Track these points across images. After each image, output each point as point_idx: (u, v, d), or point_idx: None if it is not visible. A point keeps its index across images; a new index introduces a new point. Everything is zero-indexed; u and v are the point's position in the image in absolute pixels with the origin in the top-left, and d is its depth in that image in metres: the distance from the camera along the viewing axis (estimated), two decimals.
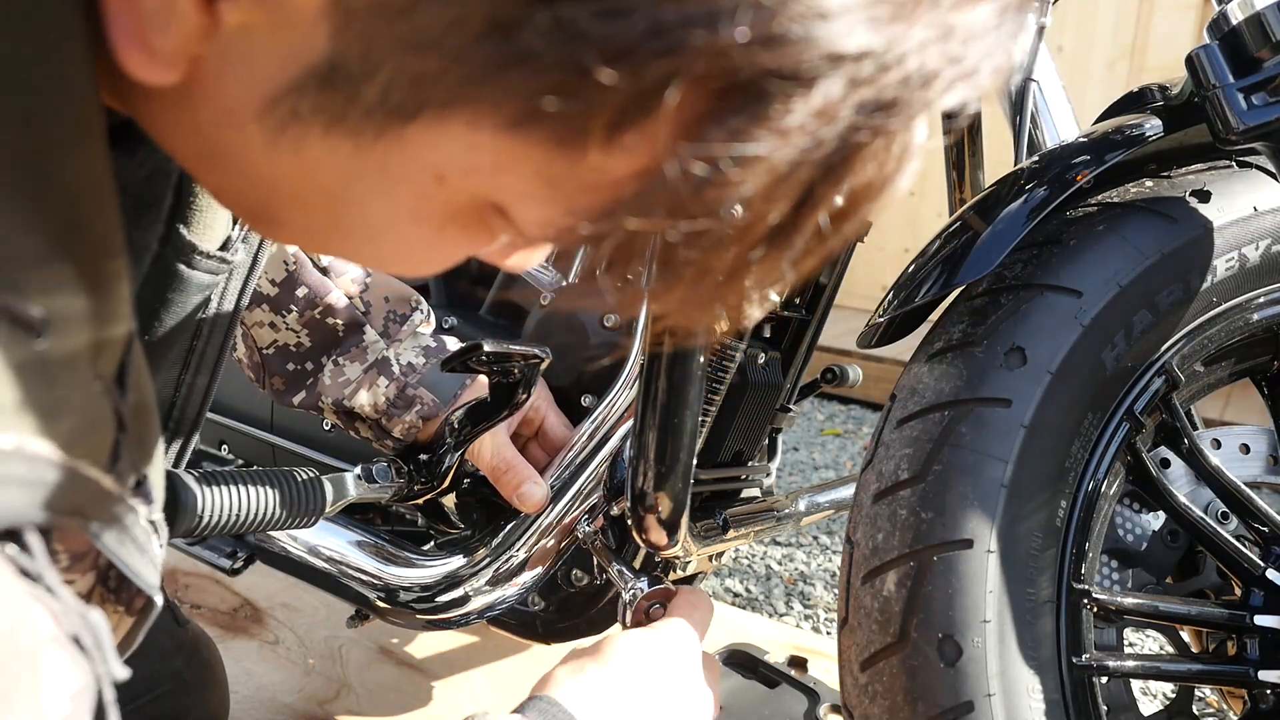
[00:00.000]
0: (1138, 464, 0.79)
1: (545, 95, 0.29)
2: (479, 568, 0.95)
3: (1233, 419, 2.45)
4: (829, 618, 1.70)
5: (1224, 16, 0.74)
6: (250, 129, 0.35)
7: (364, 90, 0.32)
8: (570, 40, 0.28)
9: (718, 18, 0.27)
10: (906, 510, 0.71)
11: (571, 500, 0.97)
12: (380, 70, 0.31)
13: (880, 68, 0.28)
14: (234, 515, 0.73)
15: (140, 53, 0.32)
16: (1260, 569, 0.76)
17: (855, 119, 0.29)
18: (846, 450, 2.58)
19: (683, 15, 0.27)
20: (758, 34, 0.27)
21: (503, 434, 0.94)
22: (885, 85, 0.28)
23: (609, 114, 0.30)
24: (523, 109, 0.31)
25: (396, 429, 0.92)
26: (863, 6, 0.27)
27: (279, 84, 0.33)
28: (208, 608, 1.47)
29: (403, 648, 1.40)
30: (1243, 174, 0.83)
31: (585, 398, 1.01)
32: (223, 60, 0.33)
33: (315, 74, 0.32)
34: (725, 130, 0.28)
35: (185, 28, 0.31)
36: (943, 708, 0.66)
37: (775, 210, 0.31)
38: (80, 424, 0.32)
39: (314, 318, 0.91)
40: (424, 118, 0.32)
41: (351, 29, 0.31)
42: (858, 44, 0.27)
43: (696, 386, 0.74)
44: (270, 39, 0.32)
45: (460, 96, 0.31)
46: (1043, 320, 0.74)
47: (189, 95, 0.34)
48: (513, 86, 0.30)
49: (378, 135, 0.33)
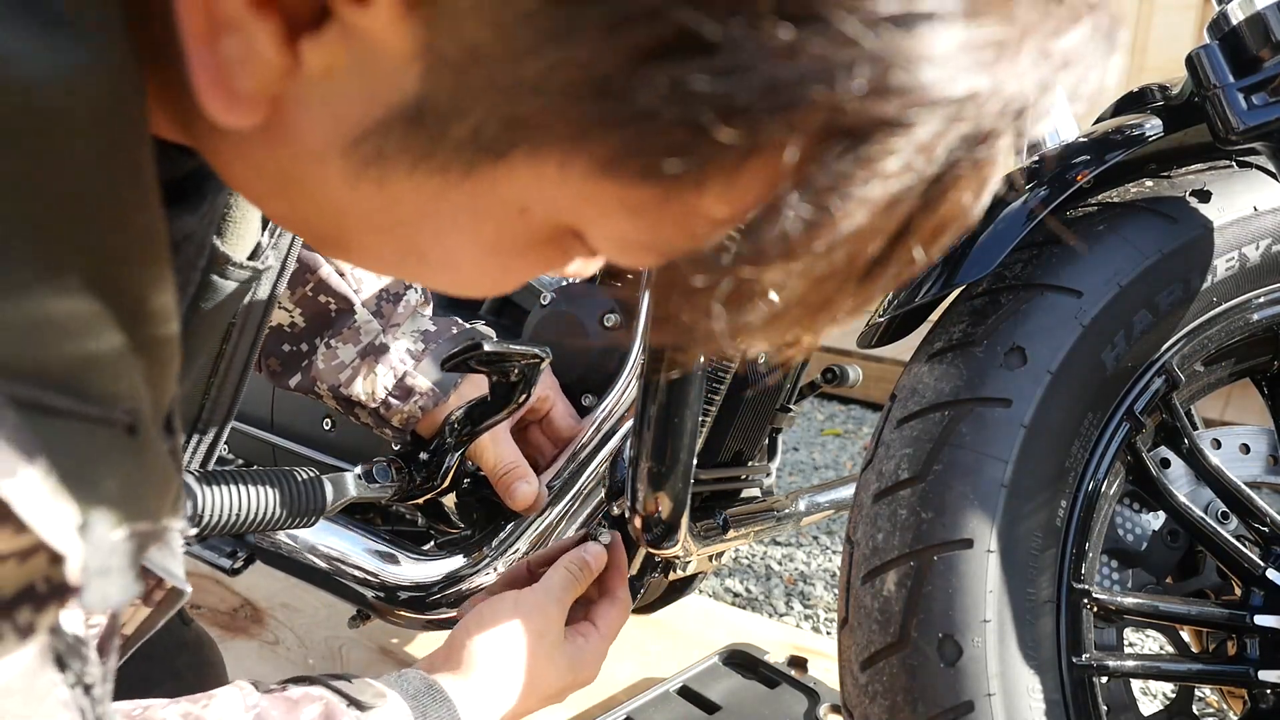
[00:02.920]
0: (1138, 464, 0.79)
1: (659, 155, 0.29)
2: (479, 567, 0.95)
3: (1233, 419, 2.45)
4: (829, 618, 1.70)
5: (1224, 16, 0.74)
6: (332, 166, 0.34)
7: (454, 129, 0.32)
8: (687, 100, 0.27)
9: (834, 73, 0.27)
10: (906, 510, 0.71)
11: (572, 500, 0.97)
12: (473, 111, 0.31)
13: (982, 104, 0.28)
14: (234, 515, 0.73)
15: (222, 98, 0.32)
16: (1260, 569, 0.76)
17: (955, 152, 0.29)
18: (846, 450, 2.58)
19: (799, 72, 0.27)
20: (872, 86, 0.27)
21: (505, 435, 0.94)
22: (984, 117, 0.29)
23: (720, 168, 0.30)
24: (616, 158, 0.30)
25: (395, 419, 0.92)
26: (969, 50, 0.27)
27: (364, 124, 0.33)
28: (208, 608, 1.47)
29: (403, 648, 1.40)
30: (1243, 174, 0.83)
31: (585, 397, 1.01)
32: (304, 100, 0.33)
33: (403, 114, 0.32)
34: (832, 175, 0.28)
35: (266, 70, 0.31)
36: (943, 708, 0.66)
37: (874, 244, 0.31)
38: (159, 485, 0.34)
39: (306, 295, 0.91)
40: (516, 156, 0.32)
41: (444, 72, 0.30)
42: (964, 88, 0.27)
43: (696, 386, 0.74)
44: (355, 80, 0.32)
45: (557, 140, 0.31)
46: (1043, 320, 0.74)
47: (266, 133, 0.34)
48: (621, 140, 0.30)
49: (465, 173, 0.33)
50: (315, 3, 0.30)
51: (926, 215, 0.31)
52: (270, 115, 0.33)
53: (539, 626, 0.72)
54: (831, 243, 0.30)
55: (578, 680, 0.74)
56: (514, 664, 0.70)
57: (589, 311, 1.00)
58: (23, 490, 0.28)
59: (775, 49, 0.26)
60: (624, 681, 1.30)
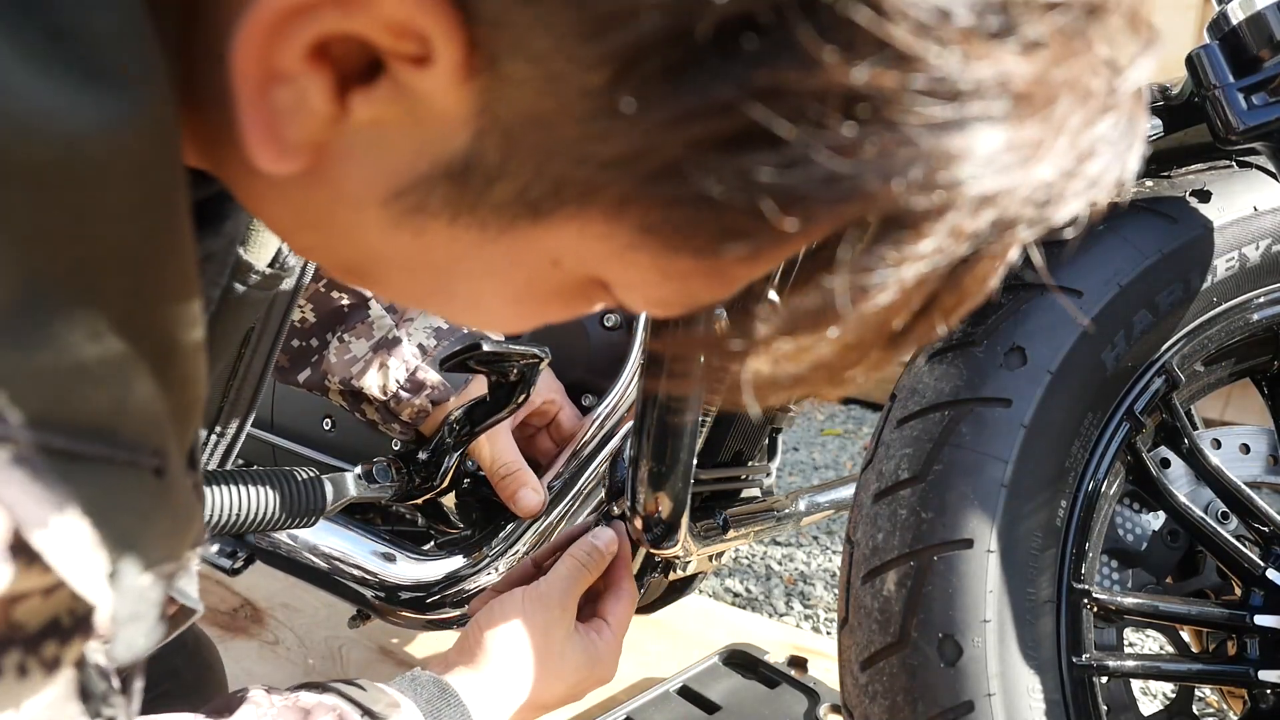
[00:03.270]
0: (1138, 464, 0.79)
1: (716, 239, 0.30)
2: (479, 567, 0.95)
3: (1233, 419, 2.45)
4: (829, 618, 1.70)
5: (1224, 16, 0.74)
6: (370, 213, 0.34)
7: (499, 188, 0.32)
8: (751, 190, 0.28)
9: (890, 169, 0.28)
10: (906, 510, 0.71)
11: (572, 500, 0.97)
12: (522, 173, 0.31)
13: (1014, 194, 0.29)
14: (234, 515, 0.73)
15: (272, 147, 0.32)
16: (1260, 569, 0.76)
17: (981, 237, 0.31)
18: (846, 450, 2.58)
19: (858, 166, 0.28)
20: (923, 181, 0.28)
21: (505, 436, 0.93)
22: (1011, 205, 0.30)
23: (773, 252, 0.31)
24: (675, 229, 0.31)
25: (404, 413, 0.92)
26: (1010, 150, 0.28)
27: (408, 177, 0.33)
28: (208, 608, 1.47)
29: (403, 648, 1.40)
30: (1243, 174, 0.83)
31: (585, 397, 1.01)
32: (348, 150, 0.33)
33: (449, 171, 0.32)
34: (872, 257, 0.30)
35: (315, 120, 0.31)
36: (943, 708, 0.66)
37: (900, 318, 0.33)
38: (184, 523, 0.35)
39: (318, 291, 0.91)
40: (558, 217, 0.32)
41: (497, 135, 0.30)
42: (998, 185, 0.29)
43: None
44: (403, 134, 0.32)
45: (606, 205, 0.31)
46: (1043, 320, 0.74)
47: (306, 178, 0.34)
48: (679, 219, 0.31)
49: (505, 228, 0.33)
50: (369, 56, 0.30)
51: (950, 292, 0.33)
52: (313, 163, 0.33)
53: (548, 619, 0.71)
54: (862, 316, 0.31)
55: (595, 676, 0.74)
56: (525, 658, 0.70)
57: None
58: (54, 540, 0.28)
59: (838, 146, 0.27)
60: (624, 681, 1.30)
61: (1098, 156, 0.31)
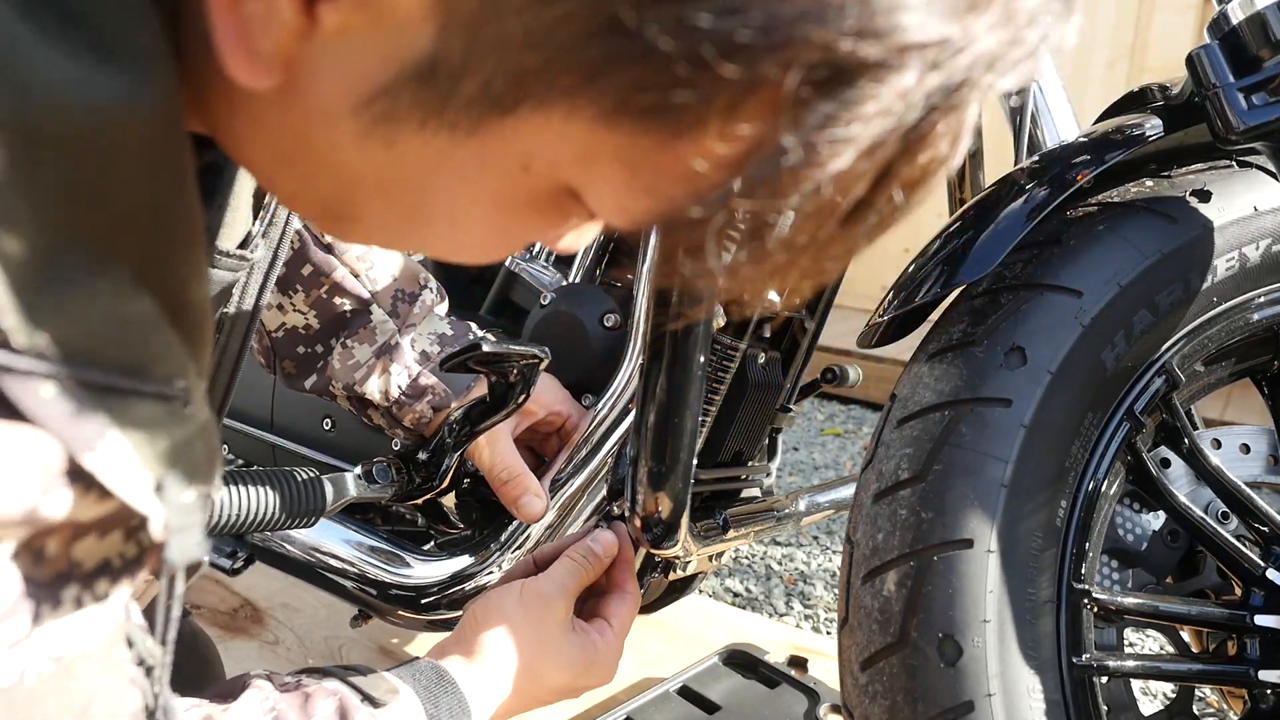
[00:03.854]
0: (1138, 464, 0.79)
1: (665, 89, 0.31)
2: (480, 567, 0.95)
3: (1233, 419, 2.45)
4: (829, 618, 1.70)
5: (1224, 16, 0.74)
6: (342, 127, 0.36)
7: (464, 85, 0.33)
8: (691, 36, 0.29)
9: (826, 12, 0.29)
10: (906, 510, 0.71)
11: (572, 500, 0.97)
12: (483, 66, 0.32)
13: (954, 53, 0.31)
14: (234, 515, 0.73)
15: (244, 57, 0.34)
16: (1260, 569, 0.76)
17: (931, 100, 0.32)
18: (846, 450, 2.58)
19: (796, 10, 0.29)
20: (859, 27, 0.29)
21: (505, 438, 0.93)
22: (956, 68, 0.31)
23: (719, 107, 0.32)
24: (621, 101, 0.32)
25: (407, 418, 0.92)
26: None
27: (376, 82, 0.34)
28: (208, 608, 1.47)
29: (403, 648, 1.40)
30: (1243, 174, 0.83)
31: (585, 397, 1.01)
32: (318, 61, 0.34)
33: (415, 72, 0.33)
34: (819, 117, 0.31)
35: (285, 30, 0.33)
36: (943, 708, 0.66)
37: (858, 186, 0.34)
38: (210, 451, 0.37)
39: (321, 297, 0.91)
40: (522, 110, 0.33)
41: (456, 28, 0.32)
42: (937, 33, 0.30)
43: (696, 386, 0.74)
44: (368, 40, 0.33)
45: (565, 89, 0.32)
46: (1043, 320, 0.74)
47: (279, 98, 0.36)
48: (627, 81, 0.32)
49: (473, 128, 0.35)
50: None
51: (906, 160, 0.34)
52: (285, 80, 0.35)
53: (543, 611, 0.72)
54: (818, 181, 0.32)
55: (594, 675, 0.74)
56: (520, 647, 0.70)
57: (589, 311, 1.00)
58: (103, 461, 0.31)
59: None
60: (624, 681, 1.30)
61: (1034, 23, 0.32)
